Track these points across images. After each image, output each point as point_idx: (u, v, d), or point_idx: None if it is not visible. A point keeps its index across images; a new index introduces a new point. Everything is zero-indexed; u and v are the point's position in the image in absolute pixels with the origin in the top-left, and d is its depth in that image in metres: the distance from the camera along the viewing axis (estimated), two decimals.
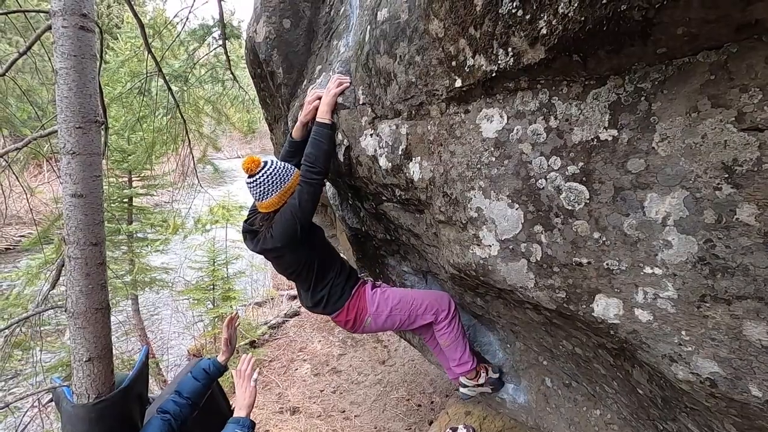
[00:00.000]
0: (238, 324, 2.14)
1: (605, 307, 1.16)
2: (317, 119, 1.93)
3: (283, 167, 1.89)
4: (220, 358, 1.97)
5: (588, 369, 1.69)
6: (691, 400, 1.10)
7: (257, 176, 1.84)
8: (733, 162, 0.85)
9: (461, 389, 2.40)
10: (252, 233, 2.01)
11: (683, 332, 1.01)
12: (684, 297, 0.99)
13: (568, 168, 1.14)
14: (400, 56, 1.49)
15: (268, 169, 1.84)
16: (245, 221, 2.10)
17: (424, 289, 2.33)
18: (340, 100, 1.92)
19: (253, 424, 1.63)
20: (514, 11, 1.02)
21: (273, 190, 1.85)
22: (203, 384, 1.83)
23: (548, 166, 1.18)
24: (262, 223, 1.95)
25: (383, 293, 2.17)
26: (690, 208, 0.94)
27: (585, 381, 1.80)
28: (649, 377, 1.27)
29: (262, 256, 2.16)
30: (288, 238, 1.87)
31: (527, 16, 1.00)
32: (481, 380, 2.25)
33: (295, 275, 2.08)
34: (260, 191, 1.85)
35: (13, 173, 2.77)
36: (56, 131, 1.72)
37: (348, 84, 1.89)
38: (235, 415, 1.65)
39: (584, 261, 1.17)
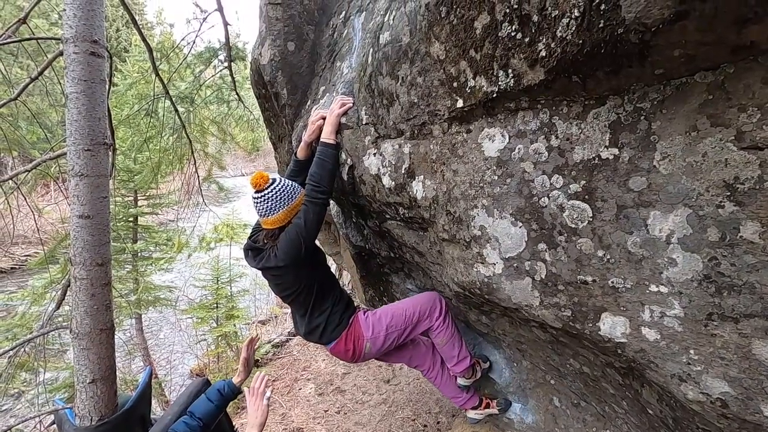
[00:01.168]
0: (258, 346, 2.10)
1: (612, 326, 1.15)
2: (322, 139, 1.95)
3: (291, 185, 1.90)
4: (236, 380, 1.92)
5: (596, 388, 1.66)
6: (703, 420, 1.08)
7: (265, 192, 1.84)
8: (734, 180, 0.86)
9: (469, 414, 2.38)
10: (255, 251, 2.01)
11: (691, 351, 1.00)
12: (691, 315, 0.98)
13: (571, 186, 1.14)
14: (402, 77, 1.52)
15: (276, 186, 1.86)
16: (249, 238, 2.09)
17: (411, 296, 2.31)
18: (343, 120, 1.95)
19: None
20: (513, 34, 1.05)
21: (280, 207, 1.85)
22: (217, 406, 1.79)
23: (550, 184, 1.19)
24: (266, 241, 1.95)
25: (374, 315, 2.16)
26: (693, 225, 0.94)
27: (594, 400, 1.77)
28: (659, 397, 1.25)
29: (270, 285, 2.15)
30: (292, 258, 1.86)
31: (526, 39, 1.02)
32: (478, 375, 2.31)
33: (293, 296, 2.04)
34: (267, 207, 1.85)
35: (22, 194, 2.81)
36: (65, 153, 1.76)
37: (351, 105, 1.92)
38: None
39: (589, 279, 1.17)
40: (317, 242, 2.12)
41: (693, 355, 1.00)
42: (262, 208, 1.86)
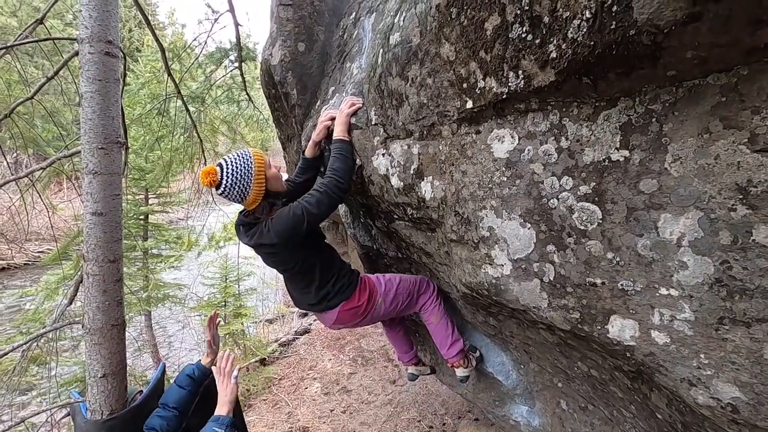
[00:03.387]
0: (219, 322, 2.04)
1: (621, 329, 1.14)
2: (338, 137, 1.93)
3: (238, 159, 1.77)
4: (204, 361, 1.89)
5: (604, 392, 1.65)
6: (713, 426, 1.07)
7: (223, 184, 1.73)
8: (747, 183, 0.85)
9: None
10: (247, 226, 1.89)
11: (702, 355, 0.99)
12: (701, 319, 0.97)
13: (580, 188, 1.14)
14: (412, 78, 1.52)
15: (227, 171, 1.74)
16: (240, 213, 1.96)
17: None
18: (352, 120, 1.96)
19: (232, 422, 1.57)
20: (524, 36, 1.05)
21: (247, 185, 1.75)
22: (189, 391, 1.76)
23: (560, 186, 1.18)
24: (262, 212, 1.84)
25: (384, 276, 2.21)
26: (705, 228, 0.93)
27: (602, 404, 1.75)
28: (668, 401, 1.24)
29: (264, 260, 2.04)
30: (285, 238, 1.78)
31: (537, 41, 1.02)
32: (473, 363, 2.33)
33: (291, 273, 1.99)
34: (236, 193, 1.75)
35: (36, 191, 2.86)
36: (79, 151, 1.79)
37: (360, 105, 1.93)
38: (217, 412, 1.60)
39: (598, 281, 1.16)
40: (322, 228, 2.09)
41: (703, 360, 0.99)
42: (233, 197, 1.77)
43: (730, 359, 0.94)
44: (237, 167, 1.74)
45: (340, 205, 2.85)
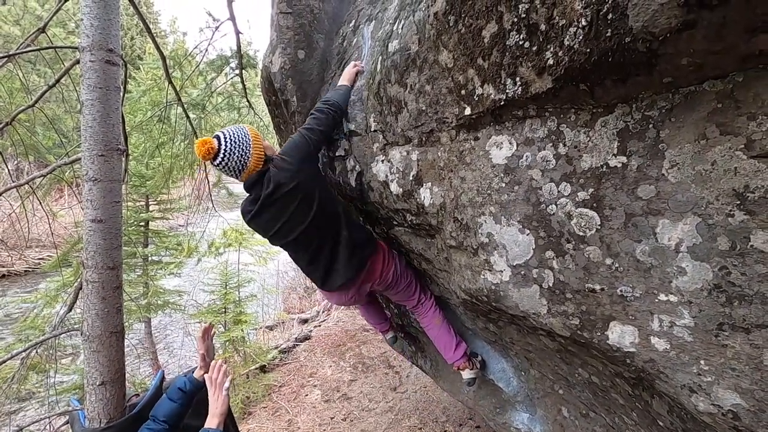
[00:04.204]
0: (214, 333, 2.00)
1: (620, 335, 1.14)
2: (341, 83, 2.05)
3: (232, 128, 1.75)
4: (197, 374, 1.83)
5: (606, 399, 1.64)
6: None
7: (222, 153, 1.69)
8: (744, 189, 0.85)
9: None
10: (254, 186, 1.81)
11: (702, 362, 0.99)
12: (701, 325, 0.97)
13: (579, 194, 1.14)
14: (411, 85, 1.53)
15: (226, 139, 1.71)
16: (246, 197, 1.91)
17: None
18: (352, 127, 1.97)
19: None
20: (521, 43, 1.06)
21: (246, 152, 1.72)
22: (180, 404, 1.71)
23: (558, 192, 1.19)
24: (266, 164, 1.80)
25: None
26: (703, 234, 0.93)
27: (603, 411, 1.74)
28: (670, 408, 1.23)
29: (275, 250, 2.01)
30: (300, 159, 1.78)
31: (534, 48, 1.03)
32: (478, 365, 2.34)
33: (316, 227, 1.84)
34: (236, 161, 1.71)
35: (37, 198, 2.87)
36: (80, 159, 1.80)
37: (363, 68, 2.02)
38: (206, 425, 1.56)
39: (597, 287, 1.16)
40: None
41: (703, 366, 0.98)
42: (232, 166, 1.72)
43: (731, 365, 0.94)
44: (235, 135, 1.73)
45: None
